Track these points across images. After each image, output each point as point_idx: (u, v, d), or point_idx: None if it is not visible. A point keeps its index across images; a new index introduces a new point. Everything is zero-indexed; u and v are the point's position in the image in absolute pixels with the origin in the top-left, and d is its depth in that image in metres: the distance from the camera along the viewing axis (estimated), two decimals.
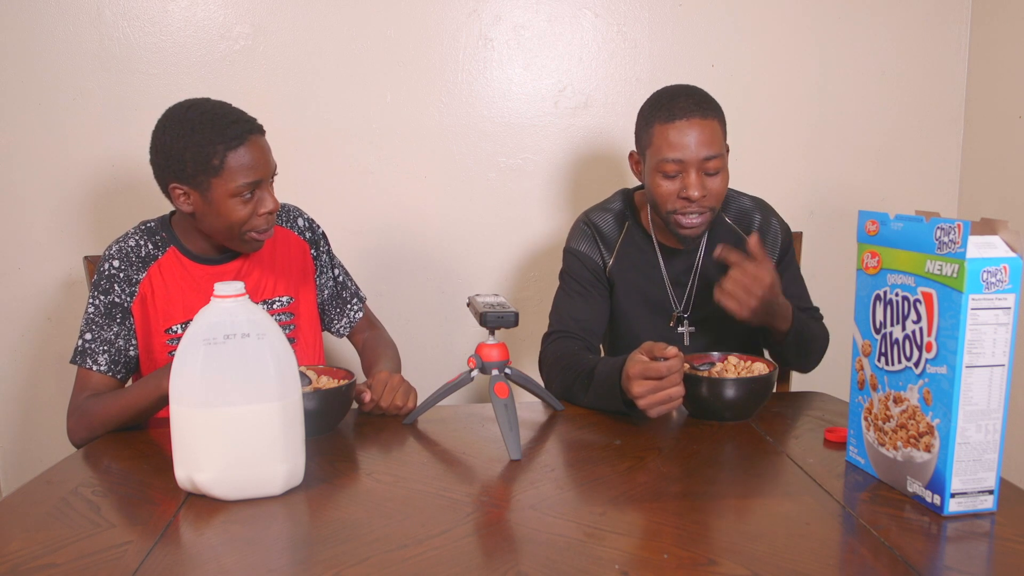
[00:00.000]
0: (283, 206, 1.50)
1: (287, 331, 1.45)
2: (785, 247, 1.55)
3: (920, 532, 0.88)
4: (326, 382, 1.27)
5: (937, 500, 0.91)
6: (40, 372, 1.93)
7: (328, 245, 1.54)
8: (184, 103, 1.30)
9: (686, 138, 1.36)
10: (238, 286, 0.99)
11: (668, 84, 1.49)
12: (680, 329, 1.53)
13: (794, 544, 0.85)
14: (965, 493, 0.90)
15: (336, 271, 1.55)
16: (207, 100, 1.31)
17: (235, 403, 0.96)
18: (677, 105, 1.38)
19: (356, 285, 1.60)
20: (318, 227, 1.53)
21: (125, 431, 1.26)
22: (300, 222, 1.50)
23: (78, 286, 1.89)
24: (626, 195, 1.59)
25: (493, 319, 1.16)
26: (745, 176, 1.71)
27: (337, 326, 1.57)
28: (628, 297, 1.54)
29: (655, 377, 1.17)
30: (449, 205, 1.98)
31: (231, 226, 1.29)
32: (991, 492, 0.91)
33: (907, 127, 2.04)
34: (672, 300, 1.54)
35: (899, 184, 2.06)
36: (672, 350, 1.19)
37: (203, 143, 1.24)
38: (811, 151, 2.03)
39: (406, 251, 1.99)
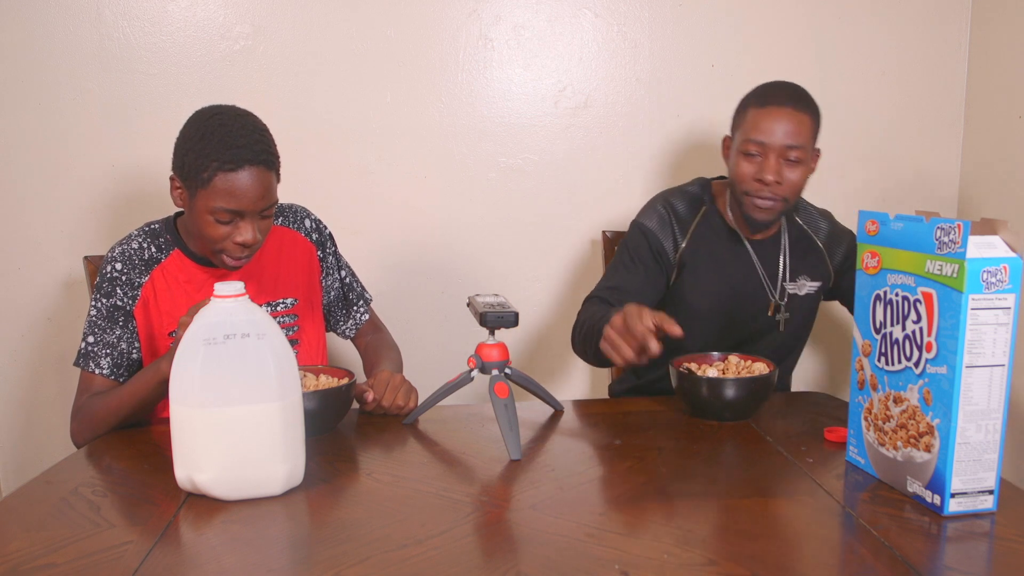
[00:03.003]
0: (290, 207, 1.49)
1: (291, 333, 1.45)
2: (850, 262, 1.59)
3: (920, 532, 0.88)
4: (326, 382, 1.27)
5: (937, 500, 0.91)
6: (40, 372, 1.93)
7: (335, 246, 1.53)
8: (215, 108, 1.27)
9: (773, 124, 1.42)
10: (238, 286, 0.99)
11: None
12: (777, 316, 1.56)
13: (794, 544, 0.85)
14: (965, 493, 0.90)
15: (343, 272, 1.55)
16: (241, 116, 1.27)
17: (235, 403, 0.96)
18: (773, 93, 1.47)
19: (362, 286, 1.59)
20: (325, 228, 1.52)
21: (126, 429, 1.26)
22: (307, 223, 1.49)
23: (78, 286, 1.89)
24: (704, 182, 1.62)
25: (493, 319, 1.16)
26: None
27: (343, 327, 1.57)
28: (705, 279, 1.55)
29: (630, 329, 1.18)
30: (449, 205, 1.98)
31: (204, 239, 1.28)
32: (991, 492, 0.91)
33: (907, 127, 2.04)
34: (768, 287, 1.56)
35: (899, 184, 2.06)
36: (677, 330, 1.16)
37: (202, 153, 1.22)
38: None
39: (406, 251, 1.99)
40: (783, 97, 1.45)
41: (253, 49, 1.86)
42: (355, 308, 1.57)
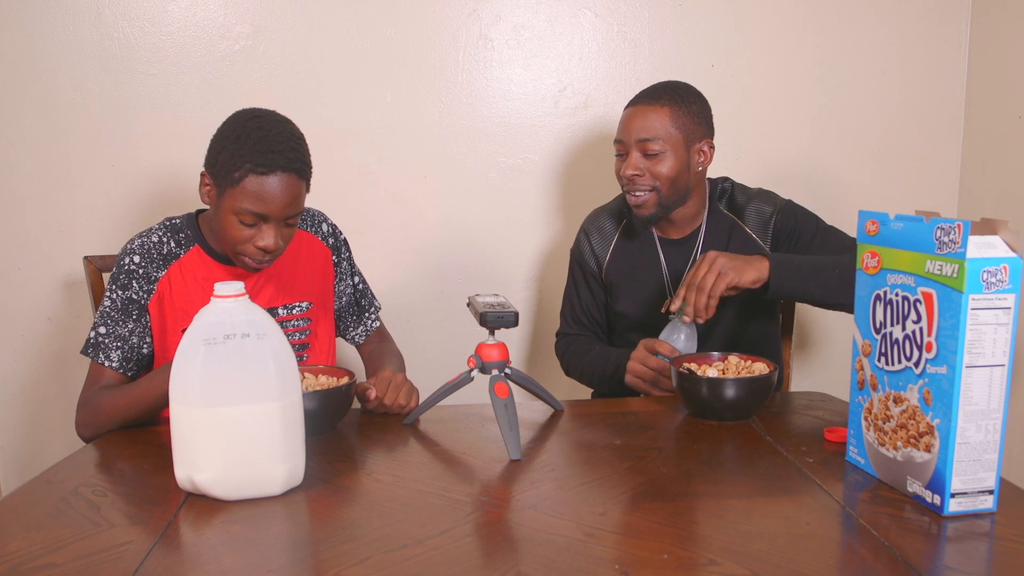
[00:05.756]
0: (307, 210, 1.49)
1: (305, 336, 1.45)
2: (786, 229, 1.54)
3: (920, 532, 0.88)
4: (326, 381, 1.27)
5: (937, 500, 0.91)
6: (40, 372, 1.93)
7: (349, 252, 1.54)
8: (256, 111, 1.29)
9: (628, 121, 1.51)
10: (238, 286, 0.99)
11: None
12: (670, 316, 1.53)
13: (794, 544, 0.85)
14: (965, 493, 0.90)
15: (356, 279, 1.55)
16: (280, 122, 1.28)
17: (235, 403, 0.96)
18: (637, 94, 1.54)
19: (372, 293, 1.60)
20: (340, 233, 1.52)
21: (128, 428, 1.26)
22: (324, 227, 1.49)
23: (78, 286, 1.89)
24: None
25: (493, 319, 1.16)
26: (745, 176, 1.71)
27: (353, 333, 1.58)
28: (629, 289, 1.63)
29: (654, 358, 1.40)
30: (449, 205, 1.98)
31: (226, 239, 1.29)
32: (991, 492, 0.91)
33: (907, 127, 2.04)
34: (668, 289, 1.60)
35: (899, 184, 2.06)
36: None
37: (237, 153, 1.23)
38: (811, 151, 2.03)
39: (406, 251, 1.99)
40: (641, 95, 1.52)
41: (253, 49, 1.86)
42: (367, 315, 1.57)
